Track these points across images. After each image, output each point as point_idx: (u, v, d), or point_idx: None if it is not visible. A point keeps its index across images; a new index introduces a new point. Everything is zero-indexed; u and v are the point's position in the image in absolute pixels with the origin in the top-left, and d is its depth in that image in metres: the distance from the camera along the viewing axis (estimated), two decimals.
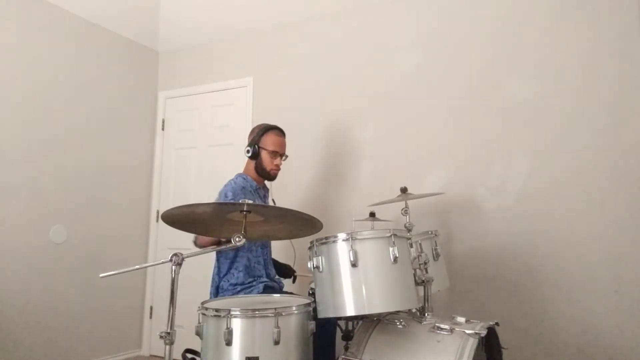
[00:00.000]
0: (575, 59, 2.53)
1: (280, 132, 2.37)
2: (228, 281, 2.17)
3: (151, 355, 3.68)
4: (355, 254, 1.55)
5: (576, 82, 2.51)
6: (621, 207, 2.35)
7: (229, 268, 2.18)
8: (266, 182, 2.42)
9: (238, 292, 2.13)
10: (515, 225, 2.57)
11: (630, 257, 2.30)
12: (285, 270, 2.49)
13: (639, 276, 2.27)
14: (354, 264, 1.55)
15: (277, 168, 2.34)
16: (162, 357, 1.41)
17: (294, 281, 2.50)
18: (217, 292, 2.19)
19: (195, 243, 2.16)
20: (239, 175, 2.32)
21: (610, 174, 2.39)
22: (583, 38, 2.52)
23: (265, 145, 2.30)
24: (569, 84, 2.53)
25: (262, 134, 2.31)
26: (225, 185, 2.24)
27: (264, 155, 2.30)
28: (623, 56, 2.42)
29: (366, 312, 1.56)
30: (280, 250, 2.78)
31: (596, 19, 2.49)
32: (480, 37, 2.78)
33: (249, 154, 2.29)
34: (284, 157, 2.36)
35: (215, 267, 2.24)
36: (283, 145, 2.36)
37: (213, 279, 2.23)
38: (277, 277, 2.40)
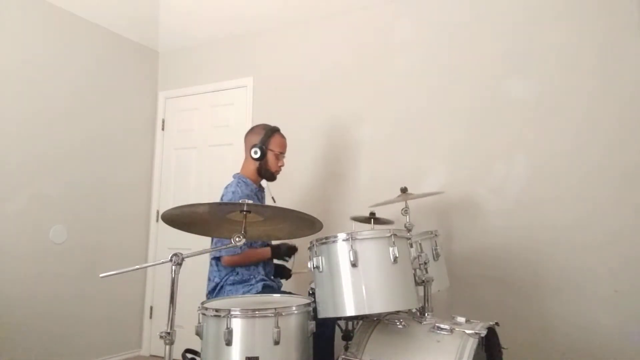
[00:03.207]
0: (575, 59, 2.53)
1: (282, 133, 2.40)
2: (228, 281, 2.17)
3: (151, 355, 3.68)
4: (355, 254, 1.55)
5: (577, 81, 2.51)
6: (621, 207, 2.35)
7: (230, 269, 2.18)
8: (263, 181, 2.42)
9: (238, 291, 2.13)
10: (515, 224, 2.57)
11: (630, 256, 2.30)
12: (282, 272, 2.47)
13: (639, 276, 2.27)
14: (354, 264, 1.55)
15: (280, 169, 2.37)
16: (162, 357, 1.41)
17: (287, 278, 2.50)
18: (214, 293, 2.18)
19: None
20: (239, 178, 2.31)
21: (610, 173, 2.39)
22: (583, 37, 2.51)
23: (273, 147, 2.31)
24: (569, 84, 2.53)
25: (270, 136, 2.32)
26: (233, 192, 2.21)
27: (271, 157, 2.31)
28: (624, 55, 2.42)
29: (366, 312, 1.56)
30: None
31: (597, 18, 2.49)
32: (480, 37, 2.78)
33: (257, 155, 2.28)
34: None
35: (213, 268, 2.24)
36: (286, 146, 2.40)
37: (211, 280, 2.23)
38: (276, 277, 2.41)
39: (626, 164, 2.36)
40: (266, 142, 2.30)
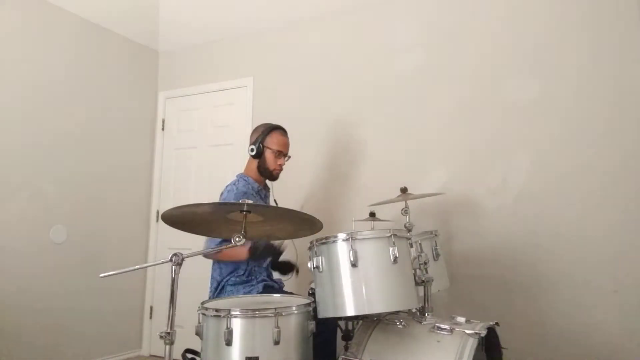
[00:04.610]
0: (574, 58, 2.53)
1: (284, 132, 2.38)
2: (230, 281, 2.17)
3: (151, 355, 3.68)
4: (355, 254, 1.55)
5: (576, 81, 2.51)
6: (621, 207, 2.34)
7: (231, 268, 2.18)
8: (267, 181, 2.41)
9: (239, 292, 2.13)
10: (515, 224, 2.57)
11: (630, 256, 2.30)
12: (286, 267, 2.47)
13: (639, 276, 2.27)
14: (354, 264, 1.55)
15: (280, 168, 2.34)
16: (162, 357, 1.40)
17: (297, 274, 2.47)
18: (216, 292, 2.19)
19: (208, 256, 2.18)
20: (240, 177, 2.31)
21: (609, 173, 2.38)
22: (583, 37, 2.51)
23: (270, 144, 2.29)
24: (569, 83, 2.53)
25: (267, 134, 2.30)
26: (228, 191, 2.22)
27: (268, 155, 2.29)
28: (622, 55, 2.41)
29: (366, 312, 1.56)
30: None
31: (596, 17, 2.49)
32: (480, 37, 2.78)
33: (253, 153, 2.28)
34: (287, 158, 2.36)
35: (215, 267, 2.24)
36: (287, 145, 2.36)
37: (214, 278, 2.23)
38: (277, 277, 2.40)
39: (628, 165, 2.36)
40: (263, 140, 2.29)
